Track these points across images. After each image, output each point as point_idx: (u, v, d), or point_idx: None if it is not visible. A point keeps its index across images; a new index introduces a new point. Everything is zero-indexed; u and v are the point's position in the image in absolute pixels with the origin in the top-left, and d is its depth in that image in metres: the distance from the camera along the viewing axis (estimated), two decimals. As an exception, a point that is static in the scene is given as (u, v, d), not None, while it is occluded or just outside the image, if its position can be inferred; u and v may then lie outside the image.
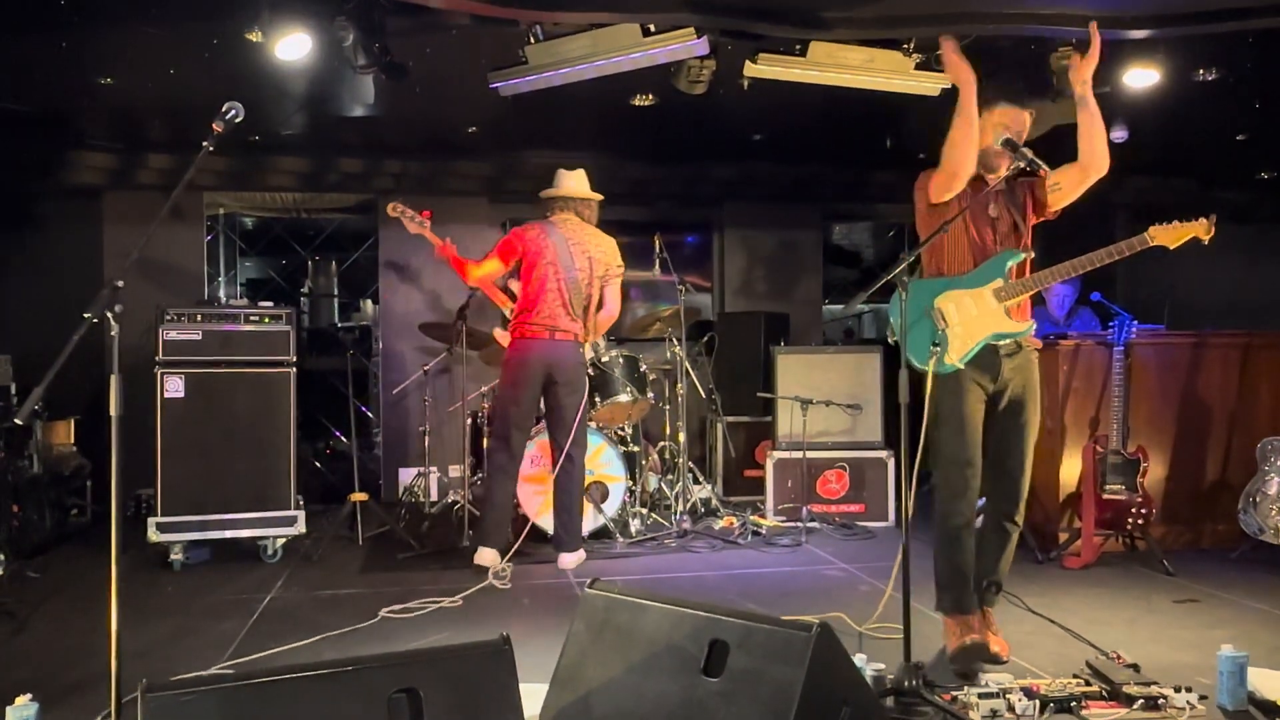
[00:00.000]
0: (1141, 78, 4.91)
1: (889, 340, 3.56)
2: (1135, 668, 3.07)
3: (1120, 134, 6.14)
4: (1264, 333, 5.40)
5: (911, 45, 4.58)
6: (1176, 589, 4.38)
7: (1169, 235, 3.37)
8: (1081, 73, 3.44)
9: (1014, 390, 3.46)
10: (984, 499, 3.54)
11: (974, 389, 3.41)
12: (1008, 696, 2.77)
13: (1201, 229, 3.34)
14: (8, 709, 2.58)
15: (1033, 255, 3.50)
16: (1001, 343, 3.42)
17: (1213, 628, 3.74)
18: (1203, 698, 2.79)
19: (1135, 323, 4.84)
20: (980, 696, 2.78)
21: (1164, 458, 5.19)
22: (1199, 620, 3.90)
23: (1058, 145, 3.57)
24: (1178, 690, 2.79)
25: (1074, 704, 2.75)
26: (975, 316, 3.41)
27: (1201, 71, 5.08)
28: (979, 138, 3.38)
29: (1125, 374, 4.78)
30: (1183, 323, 5.68)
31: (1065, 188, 3.49)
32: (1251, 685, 2.92)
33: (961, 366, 3.38)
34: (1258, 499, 4.67)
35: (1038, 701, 2.74)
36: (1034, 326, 3.48)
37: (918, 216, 3.59)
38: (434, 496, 6.65)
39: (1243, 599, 4.20)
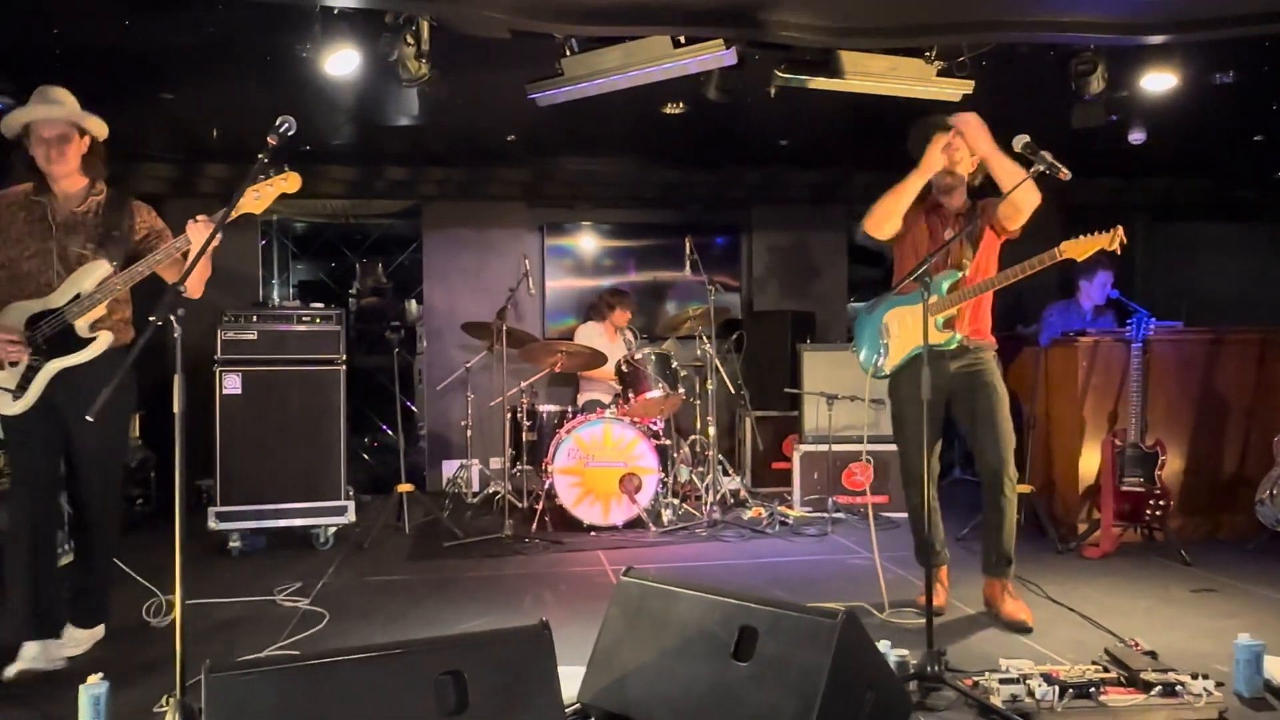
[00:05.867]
0: (1159, 82, 4.84)
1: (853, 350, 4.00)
2: (1153, 655, 3.03)
3: (1138, 136, 6.05)
4: (1281, 329, 5.30)
5: (933, 53, 4.55)
6: (1194, 579, 4.31)
7: (1077, 248, 3.42)
8: (972, 148, 3.60)
9: (964, 386, 3.71)
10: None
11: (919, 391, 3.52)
12: (1028, 682, 2.74)
13: (1106, 240, 3.37)
14: (81, 687, 2.64)
15: (965, 273, 3.68)
16: (949, 348, 3.66)
17: (1229, 616, 3.68)
18: (1219, 685, 2.74)
19: (1153, 320, 4.76)
20: (1001, 682, 2.76)
21: (1182, 451, 5.11)
22: (1216, 609, 3.84)
23: (1082, 147, 3.53)
24: (1195, 677, 2.75)
25: (1093, 690, 2.72)
26: (911, 330, 3.67)
27: (1218, 75, 5.00)
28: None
29: (1143, 369, 4.71)
30: (1200, 319, 5.58)
31: (1010, 217, 3.61)
32: (1268, 673, 2.87)
33: (888, 373, 3.79)
34: (1275, 491, 4.59)
35: (1057, 687, 2.70)
36: (955, 339, 3.66)
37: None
38: (476, 487, 6.70)
39: (1260, 589, 4.12)
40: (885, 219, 3.74)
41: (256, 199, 3.14)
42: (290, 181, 3.16)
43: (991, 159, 3.55)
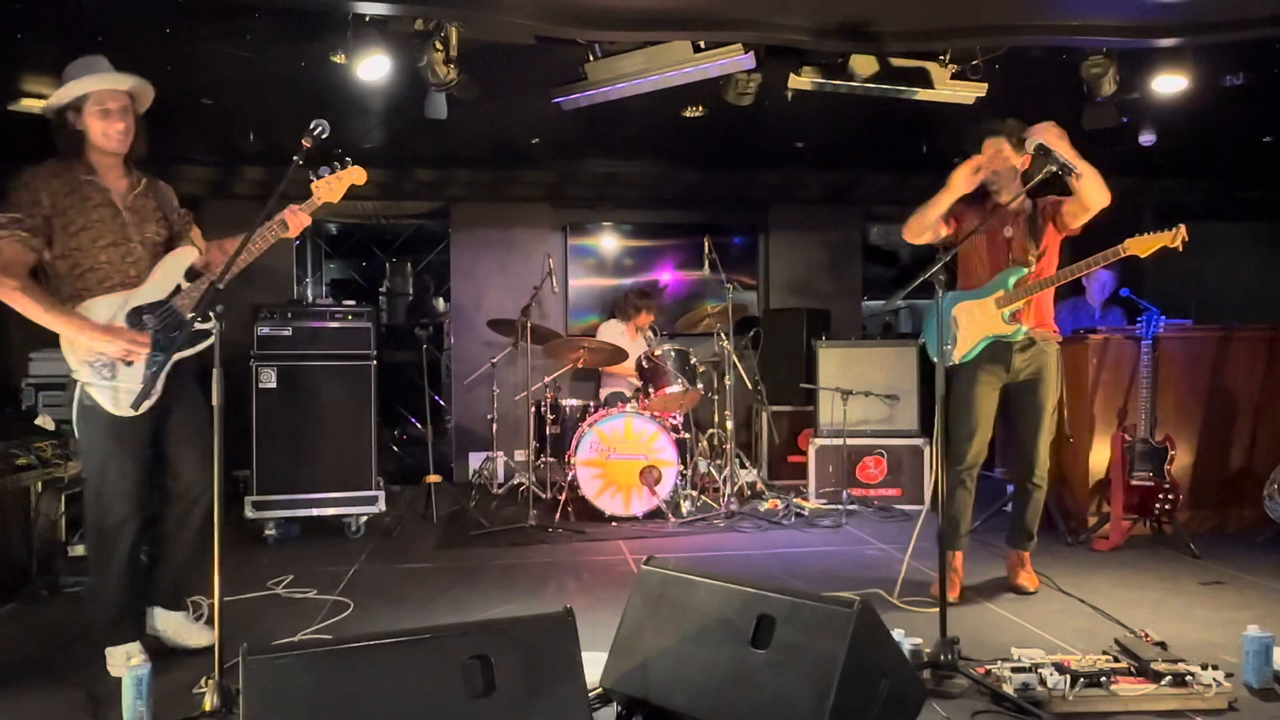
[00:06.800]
0: (1170, 84, 4.77)
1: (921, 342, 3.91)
2: (1162, 645, 3.00)
3: (1148, 138, 5.98)
4: (1289, 326, 5.22)
5: (947, 56, 4.51)
6: (1203, 571, 4.26)
7: (1141, 245, 3.44)
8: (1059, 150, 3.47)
9: (1026, 377, 3.80)
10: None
11: (984, 379, 3.78)
12: (1039, 671, 2.71)
13: (1169, 238, 3.40)
14: (125, 669, 2.66)
15: (1033, 269, 3.73)
16: (1014, 340, 3.73)
17: (1238, 609, 3.63)
18: (1229, 675, 2.71)
19: (1162, 317, 4.70)
20: (1013, 671, 2.73)
21: (1190, 446, 5.05)
22: (1225, 601, 3.78)
23: (1094, 148, 3.50)
24: (1204, 668, 2.71)
25: (1103, 679, 2.69)
26: (979, 321, 3.76)
27: (1228, 77, 4.92)
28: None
29: (1153, 366, 4.65)
30: (1209, 317, 5.51)
31: (1076, 214, 3.65)
32: (1277, 664, 2.83)
33: (958, 363, 3.77)
34: (1283, 486, 4.52)
35: (1068, 676, 2.67)
36: (1021, 331, 3.72)
37: None
38: (501, 478, 6.71)
39: (1268, 582, 4.06)
40: (920, 231, 3.79)
41: (330, 189, 3.16)
42: (356, 174, 3.23)
43: (1078, 163, 3.46)
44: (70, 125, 2.99)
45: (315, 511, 5.11)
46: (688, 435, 6.01)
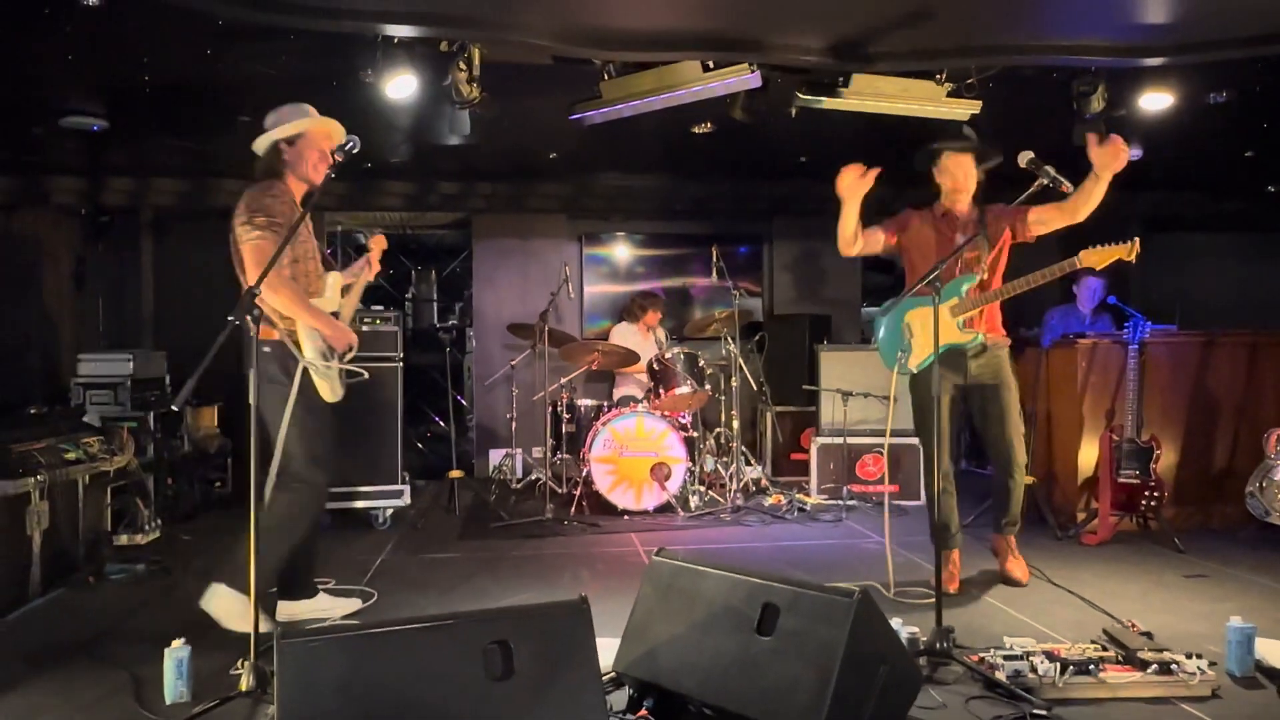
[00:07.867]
0: (1156, 101, 4.75)
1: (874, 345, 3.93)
2: (1149, 635, 2.98)
3: (1135, 152, 5.94)
4: (1270, 332, 5.17)
5: (943, 75, 4.50)
6: (1187, 565, 4.23)
7: (1096, 257, 3.38)
8: (1109, 165, 3.41)
9: (983, 382, 3.72)
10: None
11: (944, 386, 3.64)
12: (1031, 659, 2.70)
13: (1124, 251, 3.33)
14: (165, 650, 2.68)
15: (985, 277, 3.65)
16: (969, 347, 3.66)
17: (1221, 601, 3.60)
18: (1212, 664, 2.69)
19: (1148, 323, 4.68)
20: (1005, 658, 2.72)
21: (1176, 446, 5.02)
22: (1208, 594, 3.76)
23: (1083, 162, 3.48)
24: (1189, 656, 2.70)
25: (1092, 667, 2.67)
26: (932, 329, 3.54)
27: (1212, 94, 4.89)
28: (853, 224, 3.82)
29: (1139, 370, 4.63)
30: (1193, 323, 5.48)
31: (1048, 223, 3.60)
32: (1258, 654, 2.81)
33: (915, 370, 3.70)
34: (1264, 484, 4.48)
35: (1058, 664, 2.66)
36: (979, 338, 3.66)
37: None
38: (519, 474, 6.72)
39: (1250, 575, 4.04)
40: (846, 246, 3.85)
41: (378, 244, 3.57)
42: (382, 240, 3.63)
43: (1103, 185, 3.45)
44: (281, 154, 3.27)
45: (345, 504, 5.13)
46: (696, 434, 6.01)
